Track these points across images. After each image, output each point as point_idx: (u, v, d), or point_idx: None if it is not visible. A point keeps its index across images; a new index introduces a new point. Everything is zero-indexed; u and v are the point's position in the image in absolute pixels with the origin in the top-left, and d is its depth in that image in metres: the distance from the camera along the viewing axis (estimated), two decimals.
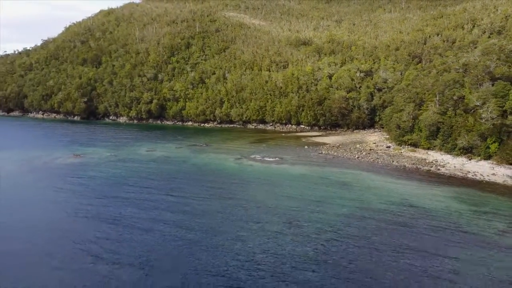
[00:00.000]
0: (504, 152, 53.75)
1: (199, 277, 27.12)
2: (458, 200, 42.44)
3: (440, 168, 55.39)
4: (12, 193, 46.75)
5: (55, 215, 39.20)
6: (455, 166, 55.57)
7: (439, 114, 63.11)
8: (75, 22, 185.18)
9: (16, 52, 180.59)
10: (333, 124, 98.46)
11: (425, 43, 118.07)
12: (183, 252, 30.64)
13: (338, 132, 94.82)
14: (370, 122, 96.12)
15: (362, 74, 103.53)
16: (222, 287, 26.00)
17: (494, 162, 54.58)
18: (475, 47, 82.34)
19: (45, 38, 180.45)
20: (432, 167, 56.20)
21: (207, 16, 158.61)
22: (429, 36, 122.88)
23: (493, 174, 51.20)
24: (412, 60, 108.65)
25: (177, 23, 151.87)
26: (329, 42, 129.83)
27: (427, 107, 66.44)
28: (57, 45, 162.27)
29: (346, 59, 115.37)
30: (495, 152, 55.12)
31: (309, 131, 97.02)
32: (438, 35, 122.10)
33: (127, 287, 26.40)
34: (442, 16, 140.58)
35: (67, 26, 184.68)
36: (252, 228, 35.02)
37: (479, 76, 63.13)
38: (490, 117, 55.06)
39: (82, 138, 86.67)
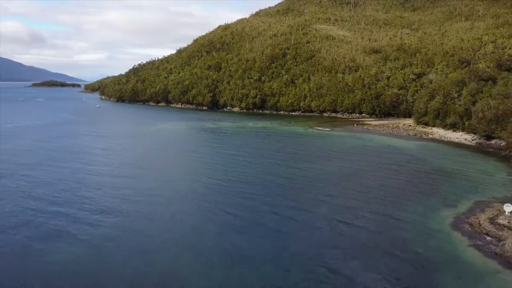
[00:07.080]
0: (471, 127, 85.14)
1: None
2: (417, 145, 77.31)
3: (429, 135, 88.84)
4: (186, 138, 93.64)
5: (210, 154, 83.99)
6: (439, 134, 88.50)
7: (441, 103, 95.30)
8: (200, 36, 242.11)
9: (158, 59, 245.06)
10: (386, 113, 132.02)
11: (478, 50, 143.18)
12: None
13: (388, 119, 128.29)
14: None
15: (414, 76, 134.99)
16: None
17: (465, 132, 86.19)
18: None
19: (178, 48, 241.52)
20: (424, 134, 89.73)
21: (301, 29, 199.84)
22: (485, 44, 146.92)
23: (457, 138, 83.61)
24: (461, 65, 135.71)
25: (277, 36, 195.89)
26: (398, 50, 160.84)
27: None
28: (189, 54, 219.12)
29: (406, 64, 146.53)
30: (467, 127, 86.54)
31: (367, 118, 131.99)
32: (492, 42, 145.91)
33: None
34: (504, 25, 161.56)
35: (195, 38, 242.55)
36: (305, 150, 75.16)
37: (471, 77, 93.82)
38: (464, 103, 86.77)
39: (212, 118, 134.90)
